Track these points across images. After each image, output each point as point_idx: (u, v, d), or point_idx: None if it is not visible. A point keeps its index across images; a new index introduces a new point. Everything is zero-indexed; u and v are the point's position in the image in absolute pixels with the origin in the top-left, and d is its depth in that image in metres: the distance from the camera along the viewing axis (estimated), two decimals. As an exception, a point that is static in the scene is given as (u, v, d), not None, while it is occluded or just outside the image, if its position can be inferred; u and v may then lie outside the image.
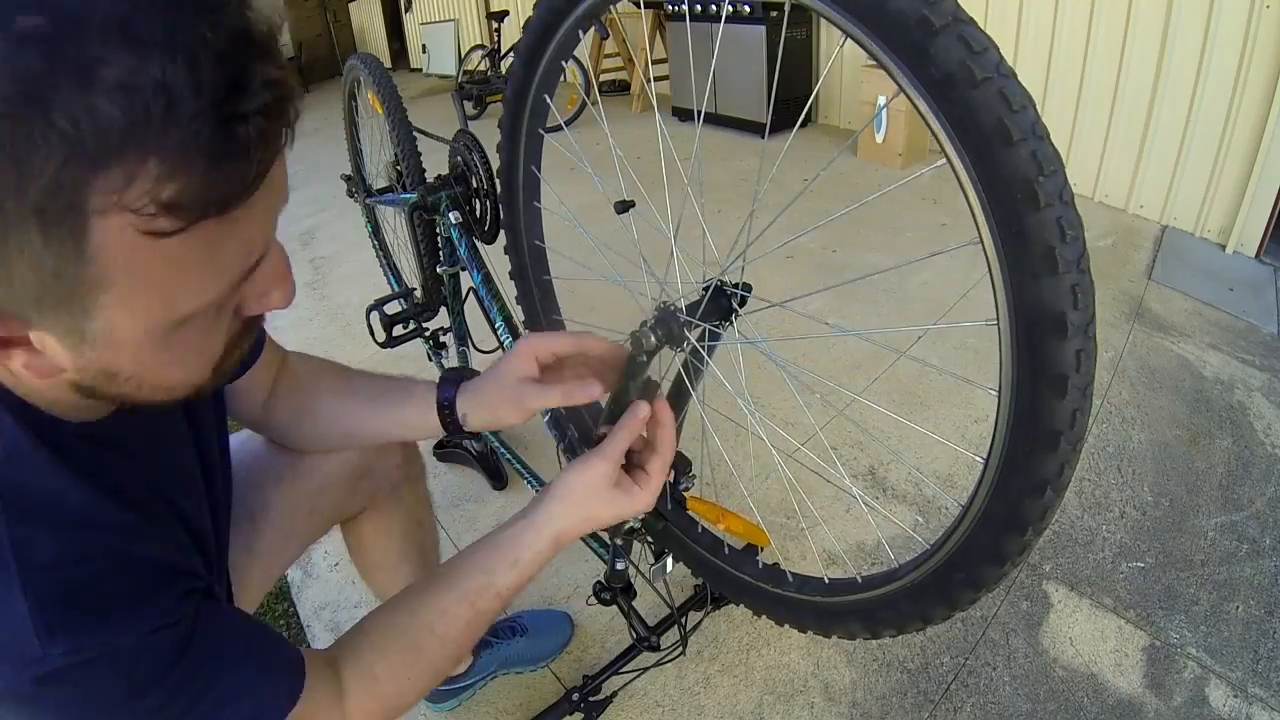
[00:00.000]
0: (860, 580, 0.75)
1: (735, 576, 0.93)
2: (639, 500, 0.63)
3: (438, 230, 1.43)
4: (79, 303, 0.36)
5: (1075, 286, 0.48)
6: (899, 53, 0.49)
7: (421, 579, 0.65)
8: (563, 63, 0.91)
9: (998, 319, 0.53)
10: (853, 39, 0.52)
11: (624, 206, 0.89)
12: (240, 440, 0.83)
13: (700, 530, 0.97)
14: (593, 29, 0.85)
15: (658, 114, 0.91)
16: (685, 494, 1.03)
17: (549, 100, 0.96)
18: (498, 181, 1.09)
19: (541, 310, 1.16)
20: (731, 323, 0.76)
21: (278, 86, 0.36)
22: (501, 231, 1.19)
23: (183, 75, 0.32)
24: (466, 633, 0.62)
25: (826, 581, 0.80)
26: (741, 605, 1.00)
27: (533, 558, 0.62)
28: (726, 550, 0.94)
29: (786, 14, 3.70)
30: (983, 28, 0.49)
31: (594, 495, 0.62)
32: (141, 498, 0.49)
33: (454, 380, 0.75)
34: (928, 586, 0.67)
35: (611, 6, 0.82)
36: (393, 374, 0.83)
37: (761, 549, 0.93)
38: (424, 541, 1.08)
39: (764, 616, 0.92)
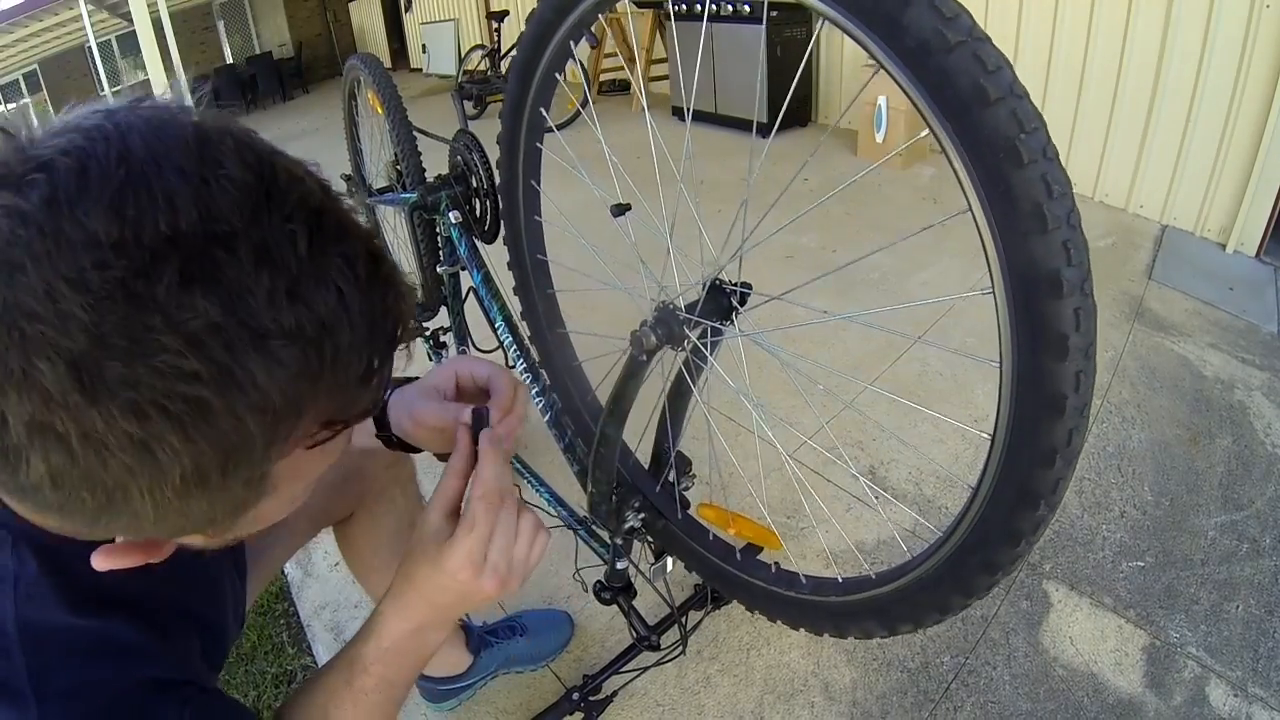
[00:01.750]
0: (805, 581, 0.80)
1: (689, 545, 0.98)
2: (519, 569, 0.54)
3: (438, 230, 1.43)
4: (240, 513, 0.39)
5: (1072, 432, 0.53)
6: (976, 169, 0.50)
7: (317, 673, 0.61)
8: (583, 35, 0.90)
9: (995, 425, 0.57)
10: (913, 104, 0.53)
11: (620, 210, 0.89)
12: None
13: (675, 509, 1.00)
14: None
15: (676, 114, 0.91)
16: (685, 493, 1.03)
17: (559, 78, 0.96)
18: (494, 141, 1.09)
19: (530, 268, 1.16)
20: (732, 321, 0.76)
21: (405, 309, 0.39)
22: (501, 214, 1.19)
23: (339, 315, 0.35)
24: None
25: (773, 571, 0.83)
26: (682, 564, 1.04)
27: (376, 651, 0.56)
28: (681, 515, 0.99)
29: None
30: (1000, 50, 0.50)
31: (461, 586, 0.53)
32: (155, 617, 0.51)
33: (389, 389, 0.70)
34: (892, 602, 0.74)
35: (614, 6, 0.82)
36: None
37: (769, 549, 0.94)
38: None
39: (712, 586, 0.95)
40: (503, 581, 0.53)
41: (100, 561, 0.40)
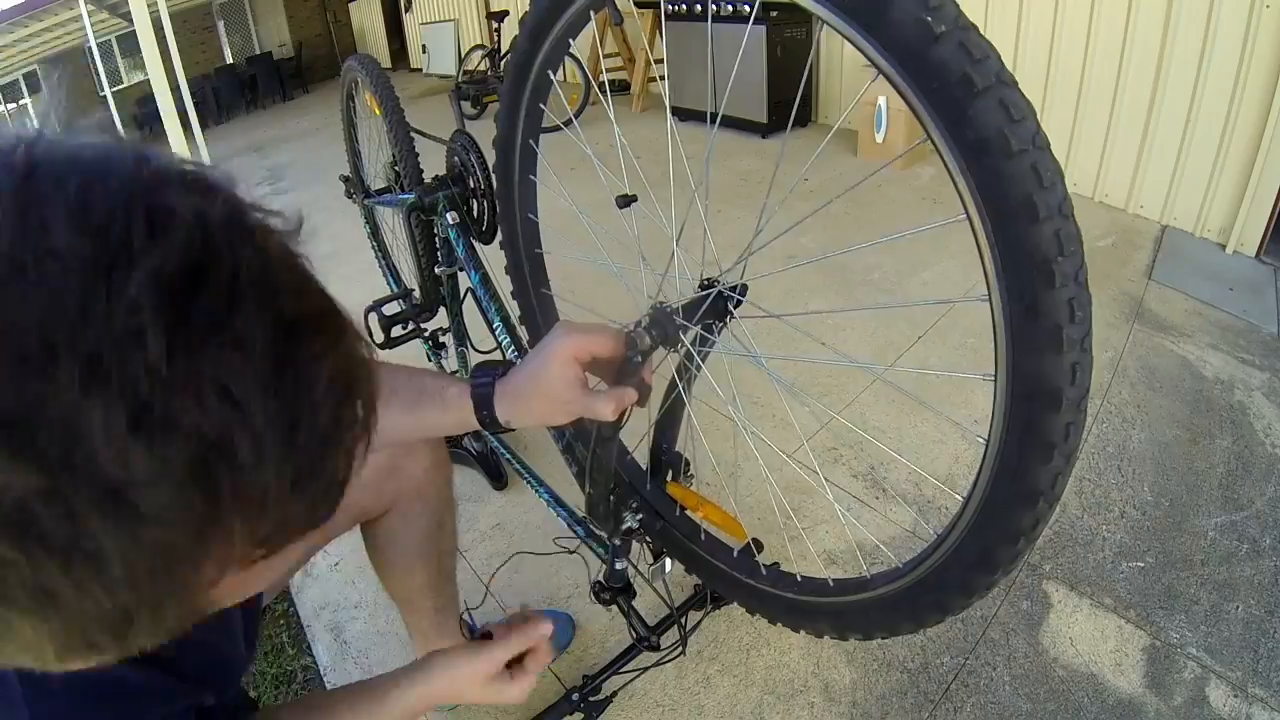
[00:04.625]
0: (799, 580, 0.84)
1: (687, 546, 1.00)
2: (508, 695, 0.68)
3: (435, 231, 1.43)
4: (178, 630, 0.32)
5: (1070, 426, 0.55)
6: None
7: None
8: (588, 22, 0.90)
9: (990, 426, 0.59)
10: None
11: (625, 201, 0.88)
12: None
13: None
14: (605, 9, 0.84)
15: (669, 114, 0.91)
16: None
17: (551, 76, 0.97)
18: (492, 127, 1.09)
19: (522, 236, 1.15)
20: (726, 324, 0.76)
21: (348, 386, 0.31)
22: (499, 212, 1.19)
23: (229, 425, 0.26)
24: None
25: (763, 570, 0.86)
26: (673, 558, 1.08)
27: None
28: (677, 512, 1.00)
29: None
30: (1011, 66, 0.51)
31: (470, 685, 0.67)
32: (159, 655, 0.48)
33: (488, 379, 0.70)
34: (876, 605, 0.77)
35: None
36: (421, 369, 0.77)
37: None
38: (442, 545, 1.06)
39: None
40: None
41: None
